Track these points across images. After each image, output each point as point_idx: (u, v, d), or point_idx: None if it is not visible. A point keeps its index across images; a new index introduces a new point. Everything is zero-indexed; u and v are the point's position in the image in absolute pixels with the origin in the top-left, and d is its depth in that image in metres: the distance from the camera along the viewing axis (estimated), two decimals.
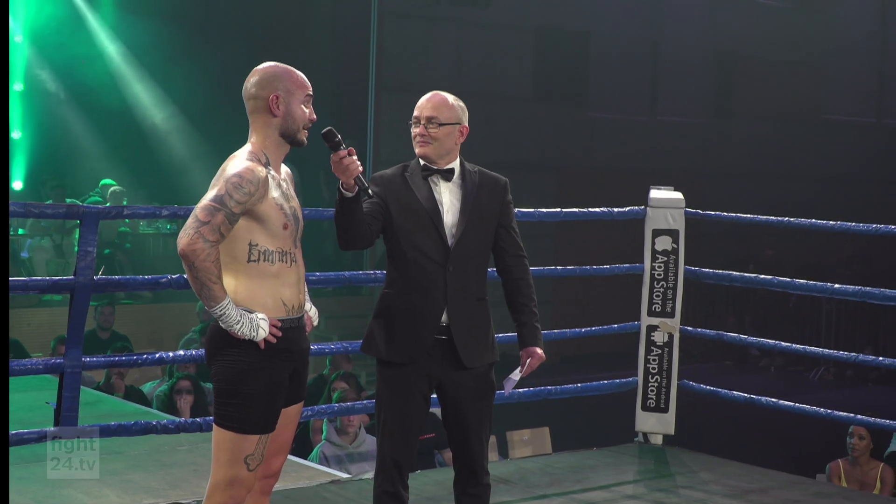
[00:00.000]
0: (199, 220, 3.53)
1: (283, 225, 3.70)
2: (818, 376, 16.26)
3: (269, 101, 3.71)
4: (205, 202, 3.56)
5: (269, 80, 3.73)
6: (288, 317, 3.73)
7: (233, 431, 3.65)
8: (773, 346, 7.22)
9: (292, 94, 3.74)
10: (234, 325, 3.58)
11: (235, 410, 3.64)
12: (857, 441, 8.02)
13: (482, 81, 17.06)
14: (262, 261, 3.67)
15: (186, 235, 3.52)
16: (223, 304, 3.56)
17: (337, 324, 14.39)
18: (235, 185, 3.57)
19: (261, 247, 3.66)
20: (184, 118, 15.87)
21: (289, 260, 3.73)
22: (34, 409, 6.81)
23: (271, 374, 3.68)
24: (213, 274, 3.54)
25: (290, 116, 3.73)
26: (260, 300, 3.66)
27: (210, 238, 3.52)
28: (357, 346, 4.36)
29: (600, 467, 6.38)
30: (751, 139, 20.07)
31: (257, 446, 3.68)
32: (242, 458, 3.66)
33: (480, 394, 4.18)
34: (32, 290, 6.53)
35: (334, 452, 7.51)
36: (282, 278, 3.71)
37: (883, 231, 6.21)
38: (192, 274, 3.53)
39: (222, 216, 3.54)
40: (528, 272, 4.29)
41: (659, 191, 6.95)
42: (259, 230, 3.65)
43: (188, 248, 3.51)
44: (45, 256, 13.52)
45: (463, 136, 4.19)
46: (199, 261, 3.51)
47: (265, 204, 3.64)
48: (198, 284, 3.54)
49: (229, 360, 3.65)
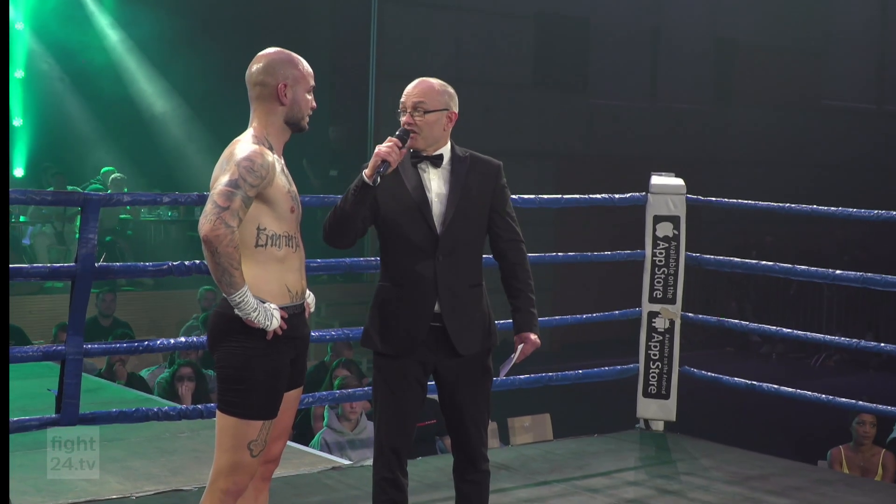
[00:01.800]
0: (218, 206, 3.51)
1: (290, 208, 3.71)
2: (819, 363, 16.28)
3: (277, 88, 3.71)
4: (221, 187, 3.54)
5: (278, 68, 3.73)
6: (292, 303, 3.73)
7: (237, 417, 3.66)
8: (774, 333, 7.22)
9: (299, 82, 3.74)
10: (251, 313, 3.57)
11: (239, 396, 3.65)
12: (869, 428, 8.02)
13: (482, 68, 17.05)
14: (269, 245, 3.67)
15: (208, 221, 3.49)
16: (242, 292, 3.55)
17: (338, 311, 14.40)
18: (248, 169, 3.56)
19: (269, 231, 3.66)
20: (184, 105, 15.87)
21: (294, 245, 3.74)
22: (36, 397, 6.81)
23: (275, 360, 3.68)
24: (234, 259, 3.52)
25: (296, 104, 3.74)
26: (265, 287, 3.66)
27: (231, 223, 3.51)
28: (358, 332, 4.36)
29: (601, 454, 6.39)
30: (751, 125, 20.06)
31: (260, 432, 3.69)
32: (246, 444, 3.67)
33: (476, 380, 4.16)
34: (34, 278, 6.52)
35: (335, 439, 7.52)
36: (287, 263, 3.72)
37: (883, 217, 6.20)
38: (213, 260, 3.51)
39: (240, 200, 3.53)
40: (525, 257, 4.25)
41: (660, 177, 6.94)
42: (268, 213, 3.65)
43: (211, 233, 3.48)
44: (46, 243, 13.54)
45: (452, 122, 4.14)
46: (222, 246, 3.49)
47: (273, 187, 3.65)
48: (219, 270, 3.51)
49: (234, 346, 3.65)
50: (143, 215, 14.69)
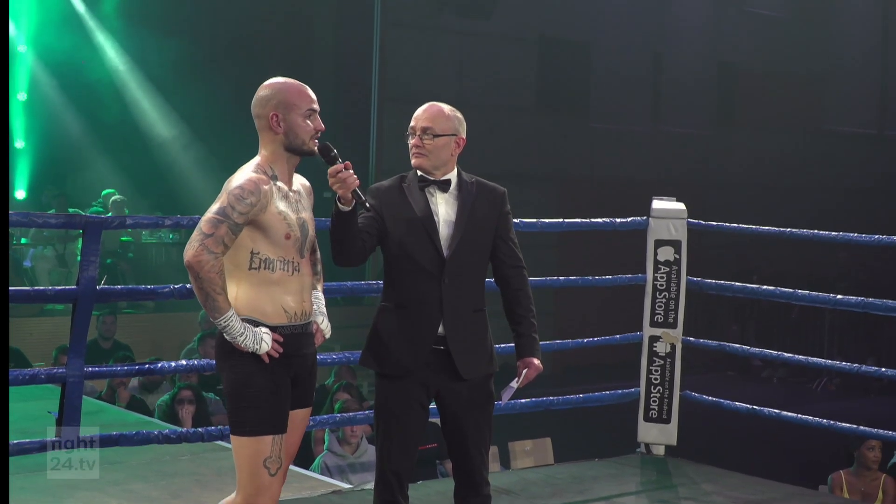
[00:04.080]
0: (203, 233, 3.63)
1: (285, 235, 3.76)
2: (821, 387, 16.24)
3: (269, 119, 3.78)
4: (209, 215, 3.66)
5: (268, 99, 3.80)
6: (290, 323, 3.78)
7: (247, 436, 3.72)
8: (775, 357, 7.20)
9: (291, 109, 3.79)
10: (237, 337, 3.67)
11: (245, 414, 3.72)
12: (878, 453, 7.97)
13: (484, 92, 17.07)
14: (262, 268, 3.74)
15: (192, 248, 3.62)
16: (227, 316, 3.65)
17: (339, 334, 14.27)
18: (237, 197, 3.66)
19: (262, 255, 3.74)
20: (187, 129, 15.89)
21: (291, 269, 3.79)
22: (36, 419, 6.79)
23: (273, 376, 3.74)
24: (217, 285, 3.62)
25: (291, 132, 3.79)
26: (260, 306, 3.74)
27: (214, 250, 3.62)
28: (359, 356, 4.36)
29: (602, 478, 6.37)
30: (752, 150, 20.08)
31: (273, 447, 3.73)
32: (262, 462, 3.71)
33: (479, 404, 4.17)
34: (35, 300, 6.51)
35: (336, 462, 7.51)
36: (284, 286, 3.77)
37: (885, 242, 6.21)
38: (197, 285, 3.62)
39: (225, 228, 3.64)
40: (527, 283, 4.27)
41: (661, 201, 6.94)
42: (261, 239, 3.73)
43: (193, 259, 3.61)
44: (47, 266, 13.54)
45: (459, 148, 4.18)
46: (203, 272, 3.61)
47: (267, 214, 3.71)
48: (202, 295, 3.63)
49: (234, 365, 3.73)
50: (145, 238, 14.70)
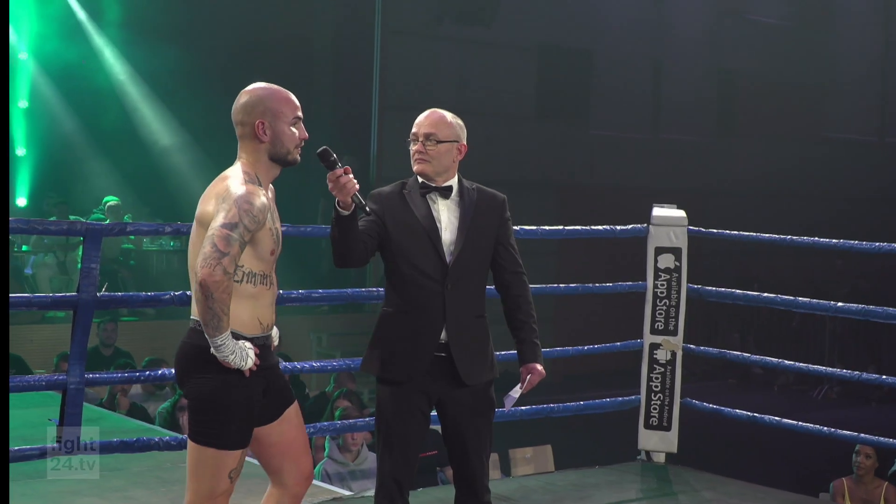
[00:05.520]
0: (219, 251, 3.49)
1: (270, 251, 3.70)
2: (821, 395, 16.24)
3: (255, 127, 3.68)
4: (222, 231, 3.52)
5: (254, 106, 3.69)
6: (263, 334, 3.74)
7: (216, 448, 3.64)
8: (776, 365, 7.20)
9: (278, 116, 3.69)
10: (229, 356, 3.57)
11: (216, 427, 3.63)
12: (864, 459, 8.00)
13: (485, 100, 17.08)
14: (244, 282, 3.65)
15: (208, 266, 3.47)
16: (226, 335, 3.55)
17: (340, 341, 14.37)
18: (247, 212, 3.55)
19: (246, 268, 3.65)
20: (188, 136, 15.89)
21: (268, 283, 3.73)
22: (37, 426, 6.79)
23: (249, 389, 3.67)
24: (227, 305, 3.52)
25: (277, 140, 3.70)
26: (238, 317, 3.64)
27: (230, 269, 3.51)
28: (360, 363, 4.36)
29: (603, 485, 6.37)
30: (753, 157, 20.07)
31: (239, 461, 3.68)
32: (226, 474, 3.66)
33: (480, 411, 4.17)
34: (35, 307, 6.52)
35: (336, 470, 7.51)
36: (260, 299, 3.71)
37: (885, 249, 6.21)
38: (207, 303, 3.49)
39: (237, 245, 3.53)
40: (527, 289, 4.28)
41: (661, 209, 6.95)
42: (249, 253, 3.63)
43: (210, 278, 3.47)
44: (48, 273, 13.54)
45: (461, 154, 4.19)
46: (218, 292, 3.48)
47: (263, 230, 3.64)
48: (209, 314, 3.50)
49: (209, 378, 3.63)
50: (146, 245, 14.70)
